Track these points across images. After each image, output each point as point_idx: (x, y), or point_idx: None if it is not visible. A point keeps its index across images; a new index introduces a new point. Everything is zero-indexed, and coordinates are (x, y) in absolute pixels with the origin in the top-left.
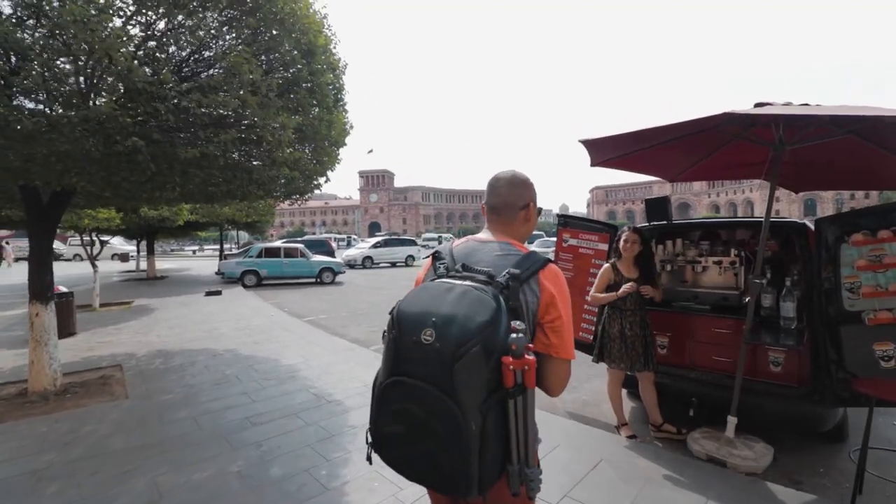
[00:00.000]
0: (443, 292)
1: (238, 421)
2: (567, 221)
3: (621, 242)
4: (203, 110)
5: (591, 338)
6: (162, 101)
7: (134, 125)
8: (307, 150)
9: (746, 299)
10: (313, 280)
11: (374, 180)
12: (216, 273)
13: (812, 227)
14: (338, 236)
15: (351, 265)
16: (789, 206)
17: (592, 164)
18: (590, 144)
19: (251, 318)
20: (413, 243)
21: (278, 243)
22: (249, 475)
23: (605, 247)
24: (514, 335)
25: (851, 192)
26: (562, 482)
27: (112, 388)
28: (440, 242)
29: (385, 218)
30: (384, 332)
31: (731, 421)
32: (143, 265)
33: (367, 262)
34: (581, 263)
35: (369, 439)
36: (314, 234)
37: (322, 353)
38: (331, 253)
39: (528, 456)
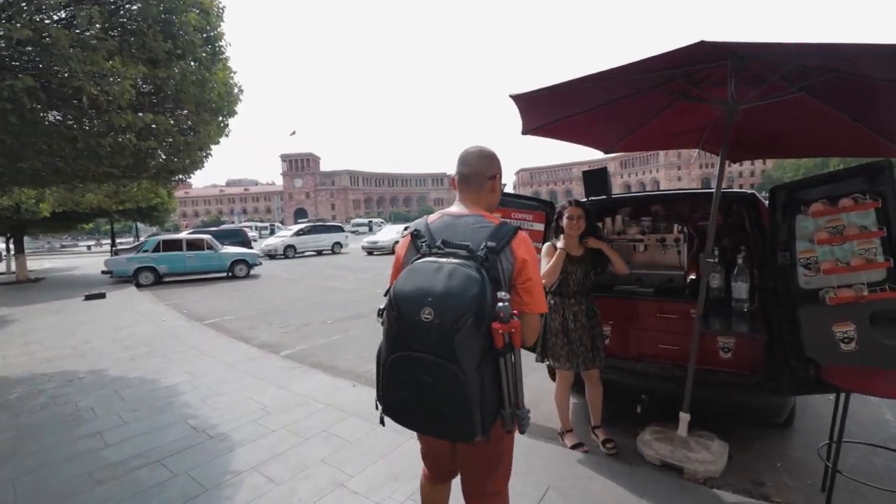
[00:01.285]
0: (433, 272)
1: (76, 479)
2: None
3: (565, 220)
4: None
5: None
6: None
7: None
8: (187, 119)
9: (690, 278)
10: (225, 275)
11: (299, 164)
12: (103, 272)
13: (761, 197)
14: (259, 224)
15: (271, 255)
16: (689, 184)
17: (524, 132)
18: (522, 100)
19: (136, 325)
20: (340, 229)
21: (182, 234)
22: None
23: (540, 227)
24: (500, 304)
25: (740, 168)
26: None
27: None
28: (370, 228)
29: (312, 204)
30: (380, 310)
31: (684, 418)
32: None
33: (289, 252)
34: None
35: (379, 407)
36: (232, 222)
37: (215, 366)
38: (246, 243)
39: (518, 400)
